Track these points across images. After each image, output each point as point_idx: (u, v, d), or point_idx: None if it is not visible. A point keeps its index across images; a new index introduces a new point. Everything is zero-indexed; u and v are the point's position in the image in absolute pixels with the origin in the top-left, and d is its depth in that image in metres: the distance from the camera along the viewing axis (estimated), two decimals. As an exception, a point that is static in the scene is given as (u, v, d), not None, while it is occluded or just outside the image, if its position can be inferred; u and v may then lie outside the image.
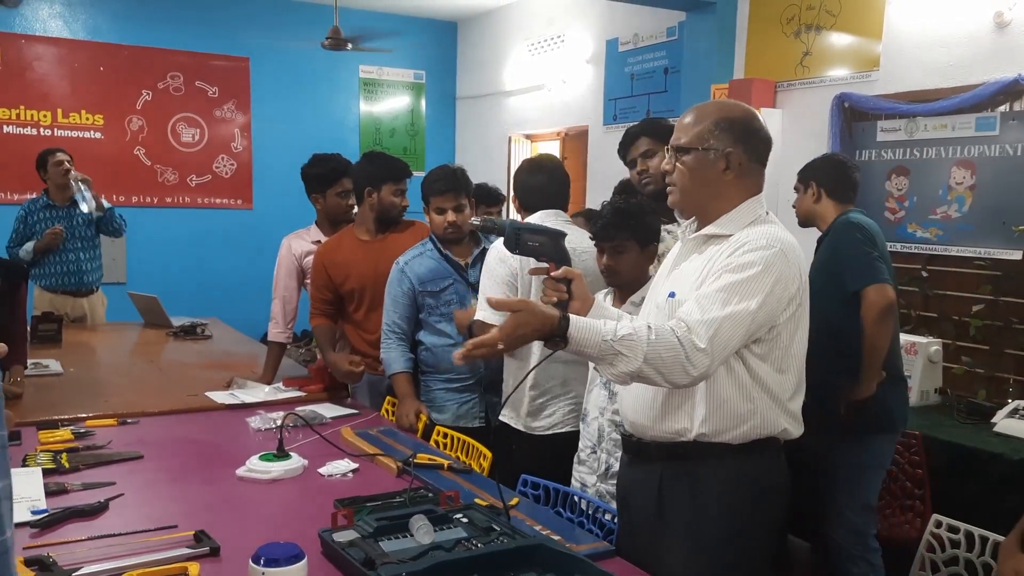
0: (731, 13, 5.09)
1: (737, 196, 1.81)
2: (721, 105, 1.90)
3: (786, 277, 1.71)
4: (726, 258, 1.72)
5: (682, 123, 1.86)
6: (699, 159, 1.80)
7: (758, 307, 1.67)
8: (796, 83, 4.79)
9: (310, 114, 7.59)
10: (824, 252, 3.00)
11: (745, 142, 1.80)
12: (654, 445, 1.85)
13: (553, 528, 1.92)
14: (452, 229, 2.93)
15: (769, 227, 1.77)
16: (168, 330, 4.61)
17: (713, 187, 1.81)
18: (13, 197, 6.40)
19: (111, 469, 2.28)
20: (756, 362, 1.75)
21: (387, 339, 3.00)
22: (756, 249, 1.70)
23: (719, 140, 1.79)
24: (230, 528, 1.86)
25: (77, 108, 6.81)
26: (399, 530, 1.71)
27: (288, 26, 7.34)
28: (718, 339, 1.63)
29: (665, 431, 1.81)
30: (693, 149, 1.80)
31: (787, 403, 1.79)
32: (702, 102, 1.92)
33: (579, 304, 1.87)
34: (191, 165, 7.26)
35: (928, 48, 4.13)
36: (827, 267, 2.91)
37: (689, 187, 1.82)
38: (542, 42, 7.06)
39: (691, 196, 1.84)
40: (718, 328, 1.64)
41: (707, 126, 1.80)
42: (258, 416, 2.82)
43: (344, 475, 2.28)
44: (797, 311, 1.76)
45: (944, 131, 4.02)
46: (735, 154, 1.79)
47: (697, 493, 1.79)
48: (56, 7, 6.72)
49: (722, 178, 1.80)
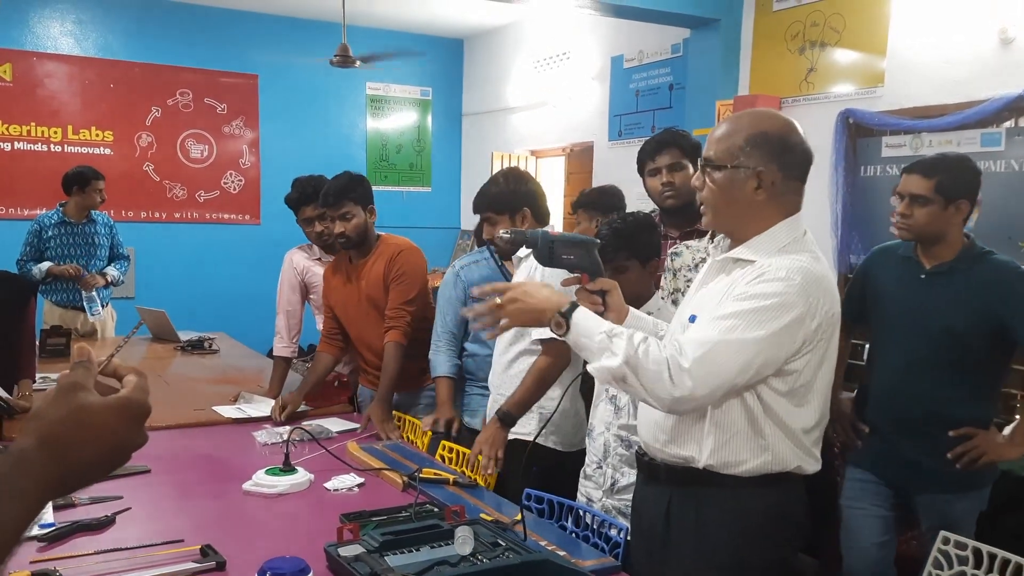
0: (736, 30, 5.12)
1: (771, 217, 1.69)
2: (755, 117, 1.74)
3: (804, 314, 1.59)
4: (744, 285, 1.63)
5: (713, 136, 1.73)
6: (729, 177, 1.68)
7: (761, 340, 1.57)
8: (801, 99, 4.81)
9: (318, 131, 7.64)
10: (987, 298, 2.40)
11: (780, 159, 1.67)
12: (664, 467, 1.79)
13: (559, 543, 1.92)
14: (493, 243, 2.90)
15: (798, 256, 1.64)
16: (176, 344, 4.63)
17: (744, 207, 1.69)
18: (23, 212, 6.45)
19: (118, 483, 2.28)
20: (772, 396, 1.66)
21: (437, 342, 3.01)
22: (773, 280, 1.60)
23: (750, 157, 1.66)
24: (236, 542, 1.86)
25: (87, 124, 6.87)
26: (404, 545, 1.72)
27: (297, 44, 7.40)
28: (706, 362, 1.56)
29: (674, 456, 1.75)
30: (723, 166, 1.68)
31: (803, 438, 1.70)
32: (730, 117, 1.78)
33: (615, 315, 1.83)
34: (200, 181, 7.31)
35: (933, 64, 4.14)
36: (988, 319, 2.39)
37: (719, 206, 1.71)
38: (547, 59, 7.10)
39: (721, 216, 1.73)
40: (708, 351, 1.56)
41: (738, 141, 1.67)
42: (264, 430, 2.83)
43: (350, 489, 2.29)
44: (817, 348, 1.65)
45: (949, 147, 4.02)
46: (767, 172, 1.66)
47: (703, 520, 1.74)
48: (67, 25, 6.79)
49: (754, 198, 1.68)
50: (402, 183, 8.19)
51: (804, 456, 1.71)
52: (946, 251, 2.46)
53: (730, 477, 1.69)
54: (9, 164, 6.60)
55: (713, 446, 1.69)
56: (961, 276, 2.43)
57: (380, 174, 8.05)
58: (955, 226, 2.46)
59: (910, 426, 2.50)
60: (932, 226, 2.45)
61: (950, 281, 2.44)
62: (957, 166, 2.49)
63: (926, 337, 2.45)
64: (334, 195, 2.97)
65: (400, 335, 2.97)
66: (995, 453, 2.43)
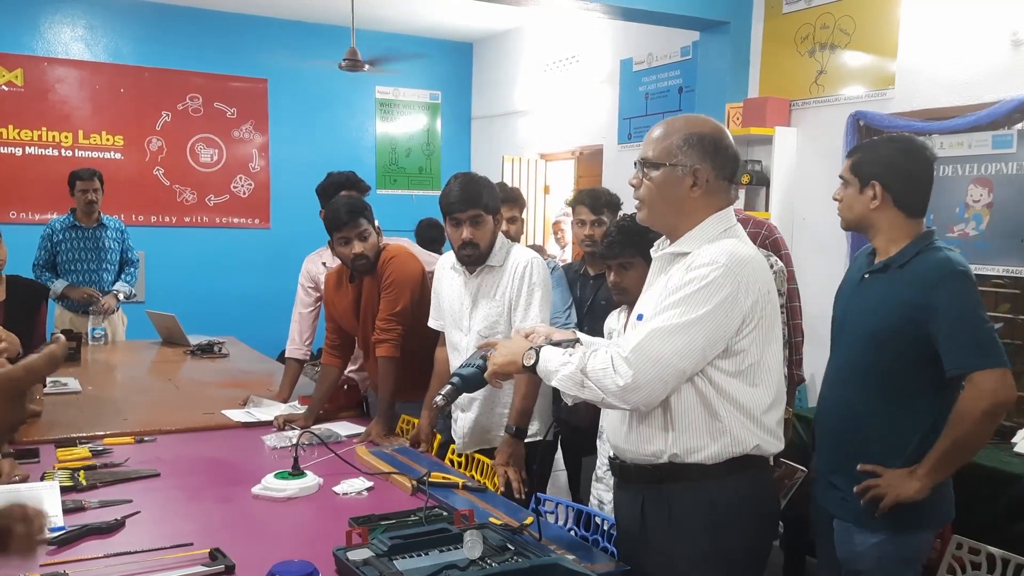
0: (745, 33, 5.11)
1: (703, 212, 1.78)
2: (690, 120, 1.83)
3: (735, 292, 1.66)
4: (675, 279, 1.72)
5: (651, 136, 1.82)
6: (666, 174, 1.77)
7: (695, 321, 1.64)
8: (811, 101, 4.79)
9: (327, 134, 7.66)
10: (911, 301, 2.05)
11: (713, 159, 1.77)
12: (634, 468, 1.84)
13: (569, 547, 1.92)
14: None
15: (724, 243, 1.72)
16: (185, 348, 4.64)
17: (679, 203, 1.78)
18: (34, 217, 6.48)
19: (128, 487, 2.29)
20: (723, 379, 1.71)
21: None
22: (699, 266, 1.68)
23: (687, 156, 1.76)
24: (245, 546, 1.86)
25: (98, 129, 6.90)
26: (413, 549, 1.71)
27: (306, 48, 7.42)
28: (644, 350, 1.64)
29: (642, 454, 1.80)
30: (661, 164, 1.78)
31: (761, 417, 1.74)
32: (664, 120, 1.85)
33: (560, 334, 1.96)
34: (209, 185, 7.33)
35: (944, 66, 4.12)
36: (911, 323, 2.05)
37: (657, 203, 1.80)
38: (557, 62, 7.09)
39: (658, 212, 1.82)
40: (644, 339, 1.66)
41: (675, 141, 1.77)
42: (274, 434, 2.83)
43: (359, 493, 2.28)
44: (760, 325, 1.71)
45: (960, 149, 4.00)
46: (703, 171, 1.76)
47: (675, 516, 1.77)
48: (78, 30, 6.83)
49: (689, 195, 1.77)
50: (411, 186, 8.20)
51: (764, 436, 1.76)
52: (891, 246, 2.14)
53: (695, 467, 1.74)
54: (20, 169, 6.63)
55: (673, 435, 1.74)
56: (895, 274, 2.11)
57: (389, 177, 8.06)
58: (879, 214, 2.13)
59: (829, 439, 2.23)
60: (851, 211, 2.19)
61: (881, 281, 2.14)
62: (878, 143, 2.25)
63: (850, 342, 2.20)
64: (348, 213, 2.87)
65: (391, 348, 2.90)
66: (892, 494, 2.02)
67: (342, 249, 2.91)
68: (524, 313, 2.61)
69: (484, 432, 2.74)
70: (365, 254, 2.90)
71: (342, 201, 2.97)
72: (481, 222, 2.64)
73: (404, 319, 2.93)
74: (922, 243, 2.10)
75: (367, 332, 3.04)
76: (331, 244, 3.01)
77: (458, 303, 2.75)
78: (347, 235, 2.88)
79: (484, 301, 2.69)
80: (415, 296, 2.99)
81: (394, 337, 2.91)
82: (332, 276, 3.20)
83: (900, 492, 2.02)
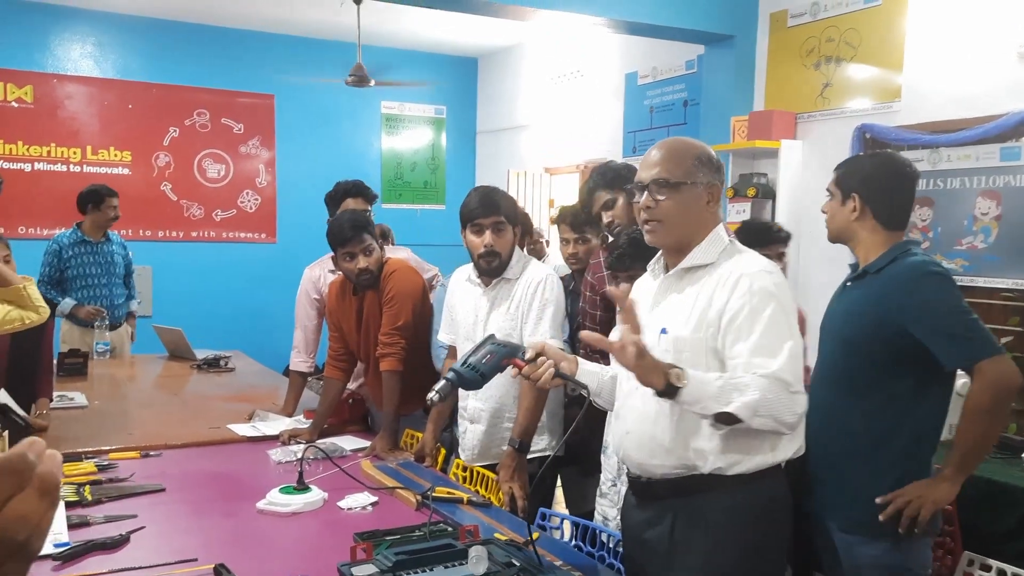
0: (750, 46, 5.11)
1: (711, 225, 1.86)
2: (689, 141, 1.92)
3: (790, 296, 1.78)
4: (740, 296, 1.72)
5: (659, 160, 1.84)
6: (688, 193, 1.83)
7: (796, 332, 1.73)
8: (817, 114, 4.79)
9: (333, 149, 7.68)
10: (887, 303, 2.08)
11: (718, 175, 1.87)
12: (664, 483, 1.83)
13: (574, 563, 1.90)
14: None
15: (748, 253, 1.85)
16: (192, 363, 4.65)
17: (698, 219, 1.85)
18: (43, 232, 6.51)
19: (133, 502, 2.29)
20: None
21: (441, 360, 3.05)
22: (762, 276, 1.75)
23: (704, 174, 1.84)
24: (250, 562, 1.86)
25: (106, 145, 6.94)
26: (418, 564, 1.70)
27: (312, 64, 7.45)
28: (794, 370, 1.67)
29: (675, 467, 1.79)
30: (683, 184, 1.82)
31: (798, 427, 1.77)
32: (665, 142, 1.91)
33: (566, 364, 1.88)
34: (216, 200, 7.36)
35: (950, 78, 4.12)
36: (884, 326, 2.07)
37: (679, 222, 1.84)
38: (561, 76, 7.12)
39: (680, 230, 1.84)
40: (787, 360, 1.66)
41: (690, 161, 1.84)
42: (279, 448, 2.83)
43: (363, 508, 2.27)
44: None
45: (968, 161, 3.99)
46: (716, 186, 1.86)
47: (711, 526, 1.78)
48: (87, 47, 6.88)
49: (705, 210, 1.85)
50: (416, 201, 8.22)
51: (795, 444, 1.81)
52: (869, 255, 2.18)
53: (731, 477, 1.75)
54: (30, 184, 6.67)
55: (722, 446, 1.74)
56: (870, 280, 2.15)
57: (395, 192, 8.08)
58: (858, 225, 2.18)
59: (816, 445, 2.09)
60: (834, 222, 2.25)
61: (859, 287, 2.18)
62: (860, 159, 2.34)
63: (829, 348, 2.25)
64: (352, 229, 2.89)
65: (395, 362, 2.91)
66: (929, 504, 2.01)
67: (347, 264, 2.93)
68: (534, 327, 2.61)
69: (491, 447, 2.73)
70: (369, 269, 2.92)
71: (346, 217, 2.99)
72: (503, 230, 2.64)
73: (407, 333, 2.94)
74: (898, 251, 2.14)
75: (369, 346, 3.04)
76: (334, 259, 3.02)
77: (472, 315, 2.74)
78: (352, 250, 2.90)
79: (497, 313, 2.69)
80: (416, 310, 3.01)
81: (397, 351, 2.92)
82: (335, 286, 3.20)
83: (936, 498, 2.02)
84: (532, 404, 2.55)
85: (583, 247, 3.13)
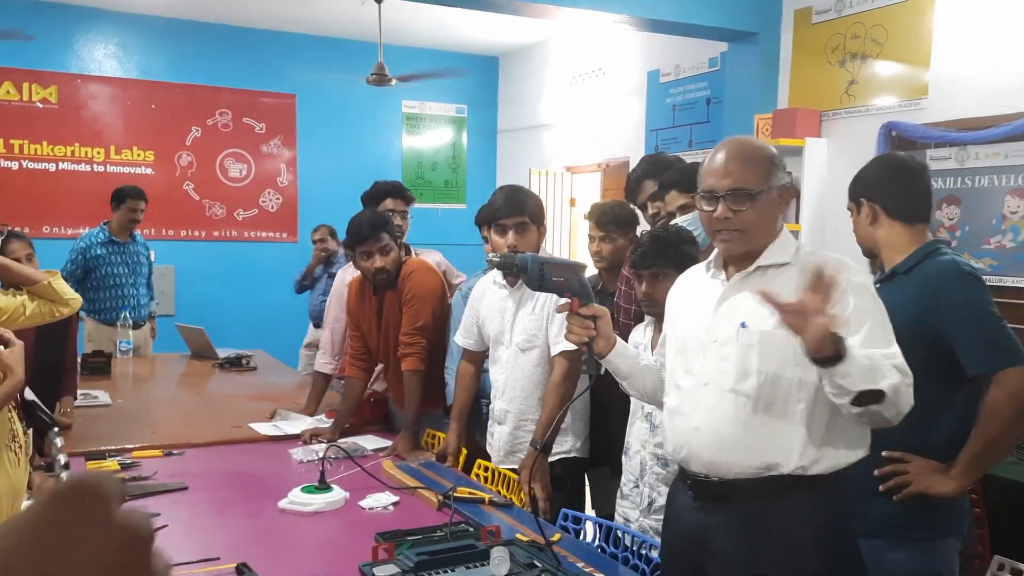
0: (774, 43, 5.06)
1: (779, 224, 1.83)
2: (755, 142, 1.89)
3: None
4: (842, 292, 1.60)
5: (734, 168, 1.76)
6: (767, 199, 1.77)
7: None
8: (842, 112, 4.73)
9: (354, 149, 7.70)
10: (920, 304, 2.04)
11: (784, 174, 1.81)
12: (739, 484, 1.72)
13: (596, 565, 1.88)
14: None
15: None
16: (214, 362, 4.67)
17: (774, 222, 1.81)
18: (67, 232, 6.57)
19: (156, 500, 2.29)
20: None
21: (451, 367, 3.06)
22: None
23: (776, 177, 1.79)
24: (272, 561, 1.85)
25: (129, 145, 6.99)
26: (440, 565, 1.69)
27: (334, 64, 7.47)
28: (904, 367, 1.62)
29: (752, 467, 1.70)
30: (762, 191, 1.75)
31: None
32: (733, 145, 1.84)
33: (603, 343, 1.85)
34: (238, 199, 7.40)
35: (978, 75, 4.05)
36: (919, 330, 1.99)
37: (759, 229, 1.77)
38: (583, 75, 7.09)
39: (759, 237, 1.78)
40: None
41: (763, 165, 1.78)
42: (300, 448, 2.83)
43: (385, 508, 2.27)
44: None
45: (997, 159, 3.93)
46: (786, 187, 1.82)
47: (786, 529, 1.68)
48: (111, 48, 6.94)
49: (779, 212, 1.82)
50: (437, 200, 8.22)
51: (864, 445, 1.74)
52: (896, 256, 2.13)
53: (811, 478, 1.68)
54: (55, 184, 6.74)
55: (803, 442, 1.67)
56: (900, 281, 2.09)
57: (416, 191, 8.00)
58: (876, 229, 2.16)
59: None
60: (857, 236, 2.24)
61: (888, 288, 2.09)
62: (865, 167, 2.26)
63: None
64: (370, 228, 2.90)
65: (417, 362, 2.91)
66: (922, 483, 1.99)
67: (364, 263, 2.94)
68: (560, 328, 2.59)
69: (516, 448, 2.71)
70: (386, 268, 2.93)
71: (364, 216, 3.00)
72: (526, 230, 2.64)
73: (427, 332, 2.95)
74: (927, 249, 2.09)
75: (388, 346, 3.04)
76: (352, 258, 3.04)
77: (499, 317, 2.74)
78: (369, 249, 2.91)
79: (523, 313, 2.68)
80: (436, 310, 3.01)
81: (419, 351, 2.92)
82: (355, 286, 3.21)
83: (929, 485, 1.98)
84: (554, 404, 2.53)
85: (608, 246, 3.11)
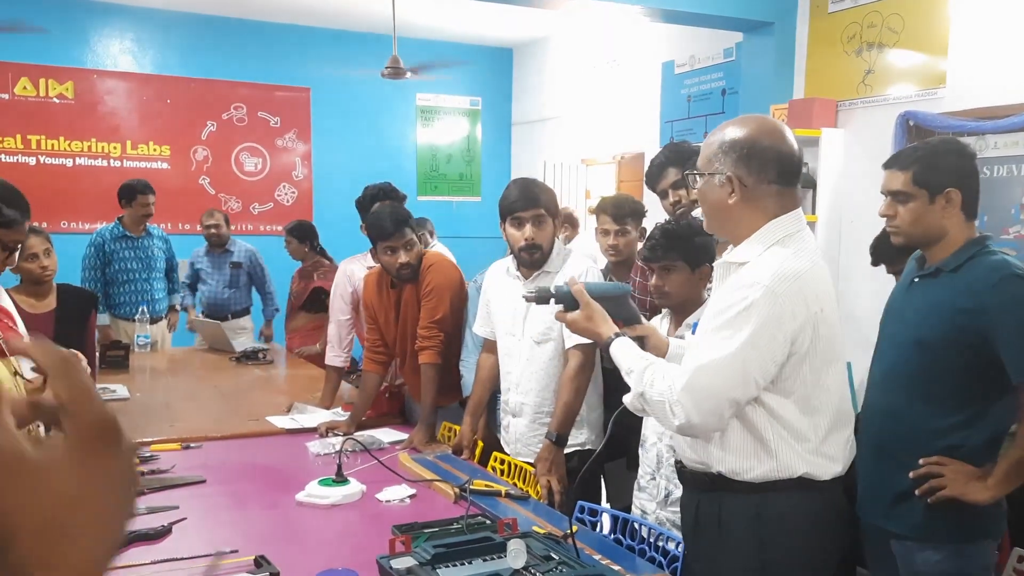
0: (790, 33, 5.02)
1: (755, 220, 1.71)
2: (731, 125, 1.76)
3: (778, 314, 1.60)
4: (718, 298, 1.71)
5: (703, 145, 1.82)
6: (708, 184, 1.74)
7: (737, 351, 1.60)
8: (859, 102, 4.69)
9: (369, 142, 7.70)
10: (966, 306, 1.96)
11: (748, 164, 1.69)
12: (690, 473, 1.85)
13: (613, 557, 1.88)
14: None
15: (774, 257, 1.65)
16: (231, 355, 4.69)
17: (723, 211, 1.74)
18: (84, 227, 6.61)
19: (175, 493, 2.31)
20: (776, 402, 1.67)
21: (467, 359, 3.07)
22: (738, 288, 1.64)
23: (723, 163, 1.71)
24: (289, 553, 1.86)
25: (145, 140, 7.02)
26: (456, 557, 1.70)
27: (348, 57, 7.48)
28: (693, 390, 1.62)
29: (696, 461, 1.82)
30: (701, 174, 1.76)
31: (817, 443, 1.70)
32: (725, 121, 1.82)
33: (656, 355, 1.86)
34: (254, 193, 7.42)
35: (997, 63, 4.01)
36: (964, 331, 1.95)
37: (706, 212, 1.82)
38: (597, 66, 7.05)
39: (711, 221, 1.82)
40: (691, 378, 1.63)
41: (713, 149, 1.73)
42: (318, 441, 2.84)
43: (402, 501, 2.28)
44: (814, 346, 1.65)
45: (1016, 148, 3.89)
46: (735, 177, 1.70)
47: (724, 522, 1.77)
48: (126, 43, 6.96)
49: (728, 202, 1.71)
50: (452, 193, 8.22)
51: (817, 460, 1.70)
52: (944, 250, 2.05)
53: (743, 483, 1.73)
54: (71, 179, 6.78)
55: (721, 454, 1.74)
56: (946, 279, 2.01)
57: (430, 184, 8.09)
58: (951, 221, 2.03)
59: (874, 449, 2.07)
60: (920, 224, 2.05)
61: (932, 285, 2.04)
62: (934, 151, 2.12)
63: (896, 348, 2.09)
64: (394, 224, 2.91)
65: (434, 355, 2.92)
66: (957, 489, 1.93)
67: (387, 258, 2.94)
68: None
69: (533, 441, 2.71)
70: (410, 263, 2.94)
71: (386, 211, 2.99)
72: (543, 222, 2.63)
73: (445, 326, 2.95)
74: (975, 247, 2.01)
75: (405, 339, 3.05)
76: (374, 254, 3.04)
77: (511, 308, 2.73)
78: (393, 244, 2.92)
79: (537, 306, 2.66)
80: (455, 303, 3.02)
81: (436, 344, 2.92)
82: (372, 278, 3.21)
83: (964, 491, 1.92)
84: (570, 398, 2.53)
85: (623, 239, 3.10)
